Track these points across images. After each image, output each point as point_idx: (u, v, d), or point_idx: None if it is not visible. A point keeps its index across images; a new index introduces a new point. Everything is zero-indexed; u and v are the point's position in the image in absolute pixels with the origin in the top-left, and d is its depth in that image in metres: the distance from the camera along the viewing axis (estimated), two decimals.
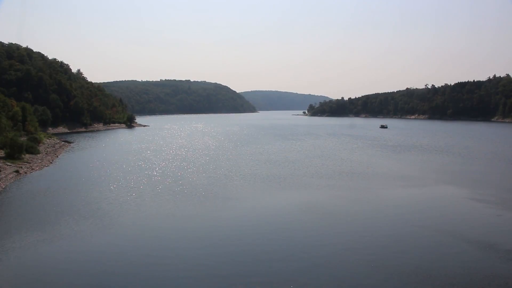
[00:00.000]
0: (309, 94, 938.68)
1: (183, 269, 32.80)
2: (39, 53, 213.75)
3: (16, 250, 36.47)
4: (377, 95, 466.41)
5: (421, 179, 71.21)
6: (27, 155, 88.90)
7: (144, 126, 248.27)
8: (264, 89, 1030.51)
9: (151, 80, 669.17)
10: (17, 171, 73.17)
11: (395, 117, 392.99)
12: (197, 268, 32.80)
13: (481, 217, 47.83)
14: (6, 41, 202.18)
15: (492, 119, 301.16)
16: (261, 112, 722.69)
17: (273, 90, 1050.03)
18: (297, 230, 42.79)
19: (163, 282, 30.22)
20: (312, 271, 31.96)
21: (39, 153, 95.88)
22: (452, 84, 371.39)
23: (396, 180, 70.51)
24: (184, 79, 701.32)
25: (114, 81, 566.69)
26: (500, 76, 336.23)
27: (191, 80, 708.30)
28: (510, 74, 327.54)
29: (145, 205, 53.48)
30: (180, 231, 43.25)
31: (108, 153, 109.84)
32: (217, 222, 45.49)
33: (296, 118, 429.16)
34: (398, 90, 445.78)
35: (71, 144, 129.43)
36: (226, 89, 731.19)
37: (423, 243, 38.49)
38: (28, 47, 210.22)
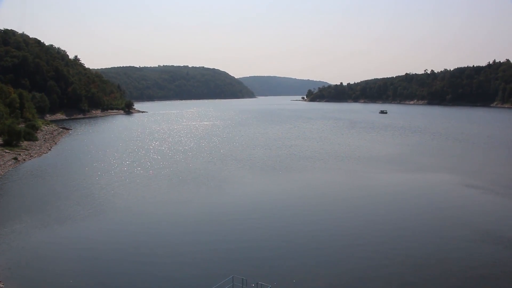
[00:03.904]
0: (308, 80, 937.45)
1: (176, 254, 32.84)
2: (35, 39, 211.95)
3: (10, 236, 36.58)
4: (376, 80, 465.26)
5: (420, 165, 71.21)
6: (26, 142, 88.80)
7: (142, 112, 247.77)
8: (263, 75, 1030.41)
9: (149, 66, 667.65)
10: (15, 158, 73.12)
11: (394, 103, 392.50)
12: (191, 254, 32.84)
13: (478, 203, 47.99)
14: (6, 27, 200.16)
15: (492, 105, 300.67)
16: (259, 97, 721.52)
17: (272, 75, 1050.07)
18: (294, 215, 42.77)
19: (156, 268, 30.35)
20: (309, 258, 32.08)
21: (37, 140, 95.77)
22: (451, 70, 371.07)
23: (395, 165, 70.49)
24: (182, 65, 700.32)
25: (111, 67, 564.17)
26: (500, 62, 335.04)
27: (189, 66, 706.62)
28: (510, 59, 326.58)
29: (140, 190, 53.61)
30: (174, 217, 43.21)
31: (106, 139, 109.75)
32: (211, 208, 45.52)
33: (294, 103, 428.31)
34: (397, 75, 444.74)
35: (70, 130, 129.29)
36: (224, 74, 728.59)
37: (421, 231, 38.61)
38: (24, 33, 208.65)
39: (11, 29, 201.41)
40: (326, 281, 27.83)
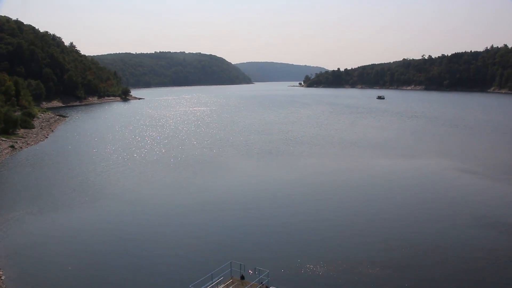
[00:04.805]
0: (305, 65, 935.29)
1: (174, 240, 33.10)
2: (30, 26, 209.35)
3: (8, 223, 36.78)
4: (373, 66, 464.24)
5: (417, 150, 71.50)
6: (22, 130, 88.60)
7: (139, 99, 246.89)
8: (260, 60, 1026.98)
9: (145, 52, 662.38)
10: (12, 146, 73.04)
11: (391, 88, 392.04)
12: (189, 240, 33.11)
13: (474, 189, 48.31)
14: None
15: (489, 90, 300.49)
16: (256, 83, 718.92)
17: (269, 61, 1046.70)
18: (291, 201, 43.01)
19: (154, 254, 30.56)
20: (306, 243, 32.39)
21: (34, 128, 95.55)
22: (449, 55, 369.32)
23: (392, 150, 70.66)
24: (179, 51, 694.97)
25: (108, 54, 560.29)
26: (497, 47, 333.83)
27: (186, 52, 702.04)
28: (507, 44, 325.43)
29: (137, 177, 53.73)
30: (171, 203, 43.28)
31: (103, 126, 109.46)
32: (208, 194, 45.67)
33: (291, 89, 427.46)
34: (395, 61, 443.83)
35: (66, 118, 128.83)
36: (221, 60, 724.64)
37: (419, 216, 38.94)
38: (19, 19, 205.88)
39: (5, 16, 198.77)
40: (323, 266, 28.12)
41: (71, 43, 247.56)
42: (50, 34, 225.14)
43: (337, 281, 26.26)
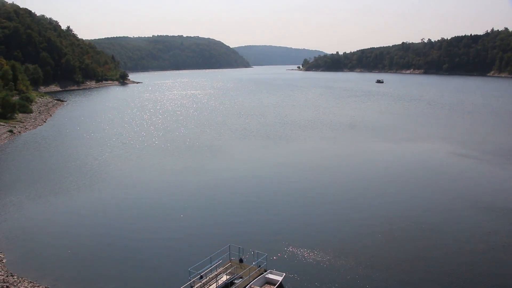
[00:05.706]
0: (304, 49, 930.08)
1: (172, 224, 33.33)
2: (26, 9, 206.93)
3: (7, 207, 36.99)
4: (372, 49, 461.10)
5: (416, 134, 71.57)
6: (20, 115, 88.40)
7: (137, 83, 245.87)
8: (258, 44, 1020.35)
9: (143, 36, 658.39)
10: (11, 131, 73.02)
11: (391, 72, 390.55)
12: (188, 223, 33.39)
13: (472, 173, 48.62)
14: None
15: (488, 74, 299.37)
16: (255, 67, 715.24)
17: (267, 45, 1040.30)
18: (289, 185, 43.17)
19: (153, 238, 30.89)
20: (303, 227, 32.68)
21: (32, 112, 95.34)
22: (448, 39, 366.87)
23: (390, 134, 70.67)
24: (176, 35, 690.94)
25: (105, 38, 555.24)
26: (498, 30, 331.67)
27: (184, 36, 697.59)
28: (508, 28, 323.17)
29: (135, 161, 54.07)
30: (169, 188, 43.55)
31: (101, 110, 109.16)
32: (206, 178, 45.75)
33: (290, 73, 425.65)
34: (394, 44, 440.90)
35: (64, 102, 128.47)
36: (219, 44, 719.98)
37: (416, 200, 39.29)
38: (14, 3, 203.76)
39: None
40: (321, 250, 28.39)
41: (68, 27, 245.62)
42: (46, 18, 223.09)
43: (335, 264, 26.58)
